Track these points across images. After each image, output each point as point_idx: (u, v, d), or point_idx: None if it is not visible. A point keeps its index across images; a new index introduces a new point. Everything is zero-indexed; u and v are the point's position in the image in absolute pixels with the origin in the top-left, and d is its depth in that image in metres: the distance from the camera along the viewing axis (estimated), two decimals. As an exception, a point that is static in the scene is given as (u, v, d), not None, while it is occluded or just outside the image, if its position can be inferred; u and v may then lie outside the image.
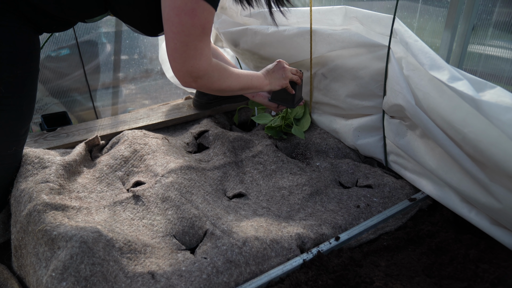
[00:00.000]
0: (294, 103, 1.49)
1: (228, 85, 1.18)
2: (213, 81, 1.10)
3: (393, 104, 1.29)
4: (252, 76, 1.30)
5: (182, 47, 0.97)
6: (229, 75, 1.17)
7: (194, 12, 0.93)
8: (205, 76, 1.06)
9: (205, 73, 1.05)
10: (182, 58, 0.99)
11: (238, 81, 1.22)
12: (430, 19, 1.42)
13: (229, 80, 1.18)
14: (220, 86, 1.15)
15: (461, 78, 1.04)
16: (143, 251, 1.05)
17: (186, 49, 0.98)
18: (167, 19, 0.95)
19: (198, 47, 0.99)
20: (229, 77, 1.17)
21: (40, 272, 0.96)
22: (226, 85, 1.17)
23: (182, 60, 1.00)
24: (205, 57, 1.02)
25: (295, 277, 1.00)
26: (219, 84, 1.14)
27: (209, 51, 1.03)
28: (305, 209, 1.28)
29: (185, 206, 1.20)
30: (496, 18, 1.23)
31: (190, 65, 1.00)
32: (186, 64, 1.00)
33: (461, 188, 1.14)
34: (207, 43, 1.01)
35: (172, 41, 0.97)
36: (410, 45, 1.18)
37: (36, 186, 1.16)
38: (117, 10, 1.13)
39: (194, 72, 1.02)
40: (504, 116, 0.92)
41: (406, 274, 1.05)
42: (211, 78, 1.09)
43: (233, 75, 1.20)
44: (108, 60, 2.22)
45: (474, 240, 1.12)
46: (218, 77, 1.12)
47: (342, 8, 1.44)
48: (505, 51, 1.23)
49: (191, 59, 1.00)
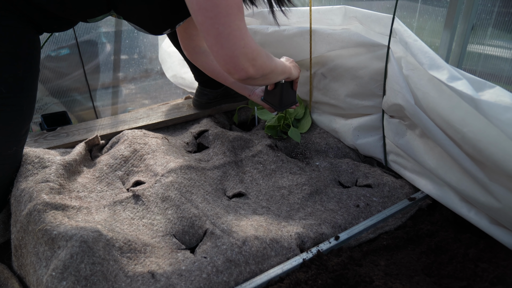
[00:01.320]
0: (280, 106, 1.41)
1: (275, 65, 1.14)
2: (264, 60, 1.04)
3: (392, 103, 1.29)
4: (280, 60, 1.25)
5: (226, 29, 0.91)
6: (269, 55, 1.13)
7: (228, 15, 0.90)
8: (258, 55, 1.00)
9: (257, 51, 0.99)
10: (230, 41, 0.93)
11: (276, 63, 1.17)
12: (429, 19, 1.42)
13: (273, 60, 1.14)
14: (271, 66, 1.10)
15: (460, 77, 1.04)
16: (143, 251, 1.05)
17: (231, 30, 0.92)
18: (200, 8, 0.90)
19: (241, 27, 0.93)
20: (270, 57, 1.13)
21: (40, 271, 0.96)
22: (274, 65, 1.13)
23: (231, 44, 0.93)
24: (250, 36, 0.96)
25: (294, 277, 1.01)
26: (269, 64, 1.09)
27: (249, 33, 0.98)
28: (305, 209, 1.29)
29: (185, 206, 1.20)
30: (495, 17, 1.23)
31: (241, 46, 0.94)
32: (238, 46, 0.94)
33: (461, 187, 1.15)
34: (245, 23, 0.95)
35: (213, 29, 0.91)
36: (409, 45, 1.18)
37: (36, 185, 1.16)
38: (122, 8, 1.11)
39: (249, 52, 0.96)
40: (503, 116, 0.92)
41: (405, 274, 1.05)
42: (262, 57, 1.03)
43: (270, 55, 1.14)
44: (108, 60, 2.22)
45: (473, 240, 1.12)
46: (266, 56, 1.06)
47: (342, 7, 1.44)
48: (505, 51, 1.23)
49: (240, 40, 0.94)
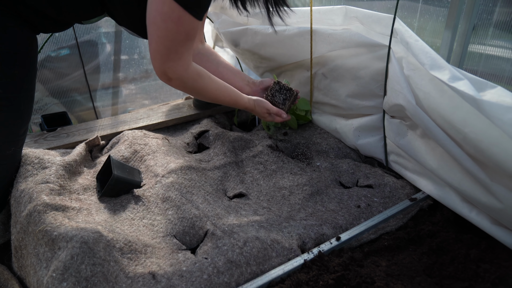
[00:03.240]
0: None
1: (203, 95, 1.22)
2: (186, 85, 1.14)
3: (393, 104, 1.29)
4: (236, 96, 1.31)
5: (164, 50, 1.01)
6: (206, 84, 1.19)
7: (180, 20, 0.96)
8: (179, 79, 1.09)
9: (179, 76, 1.08)
10: (162, 59, 1.03)
11: (216, 94, 1.24)
12: (430, 19, 1.42)
13: (205, 90, 1.20)
14: (195, 92, 1.19)
15: (461, 78, 1.04)
16: (143, 251, 1.05)
17: (168, 52, 1.02)
18: (153, 23, 0.98)
19: (179, 52, 1.03)
20: (205, 87, 1.19)
21: (41, 272, 0.96)
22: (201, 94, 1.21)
23: (162, 61, 1.04)
24: (184, 61, 1.06)
25: (296, 277, 1.00)
26: (193, 90, 1.18)
27: (189, 56, 1.07)
28: (306, 209, 1.28)
29: (186, 206, 1.20)
30: (496, 17, 1.23)
31: (167, 66, 1.05)
32: (164, 65, 1.05)
33: (462, 188, 1.14)
34: (188, 49, 1.05)
35: (155, 43, 1.01)
36: (410, 45, 1.18)
37: (36, 186, 1.16)
38: (114, 11, 1.14)
39: (170, 73, 1.07)
40: (505, 116, 0.92)
41: (407, 274, 1.05)
42: (184, 83, 1.12)
43: (211, 86, 1.21)
44: (108, 60, 2.22)
45: (475, 240, 1.12)
46: (193, 83, 1.14)
47: (343, 8, 1.44)
48: (506, 51, 1.22)
49: (170, 62, 1.04)
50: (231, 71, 1.50)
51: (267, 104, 1.41)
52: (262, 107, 1.39)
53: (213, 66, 1.47)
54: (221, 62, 1.51)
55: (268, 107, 1.40)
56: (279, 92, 1.47)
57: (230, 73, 1.49)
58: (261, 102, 1.40)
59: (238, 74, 1.51)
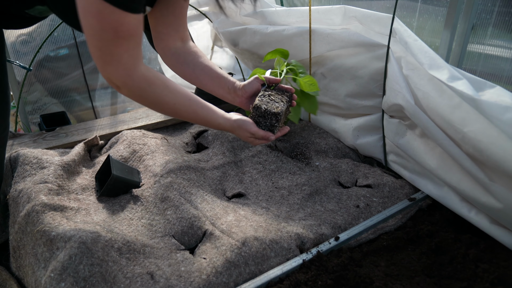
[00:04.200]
0: None
1: (160, 109, 0.99)
2: (134, 95, 0.93)
3: (392, 103, 1.29)
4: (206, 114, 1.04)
5: (96, 52, 0.86)
6: (160, 96, 0.95)
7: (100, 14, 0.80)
8: (125, 87, 0.90)
9: (123, 84, 0.90)
10: (99, 63, 0.88)
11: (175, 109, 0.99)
12: (429, 19, 1.42)
13: (159, 103, 0.97)
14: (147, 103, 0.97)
15: (460, 77, 1.03)
16: (142, 251, 1.05)
17: (101, 54, 0.86)
18: (81, 19, 0.84)
19: (114, 53, 0.85)
20: (159, 99, 0.96)
21: (39, 272, 0.96)
22: (157, 107, 0.99)
23: (100, 65, 0.88)
24: (125, 65, 0.87)
25: (294, 278, 1.00)
26: (145, 102, 0.96)
27: (132, 59, 0.88)
28: (305, 209, 1.28)
29: (184, 206, 1.20)
30: (495, 17, 1.22)
31: (107, 71, 0.88)
32: (104, 70, 0.88)
33: (461, 187, 1.14)
34: (127, 49, 0.86)
35: (88, 44, 0.87)
36: (409, 45, 1.18)
37: (35, 186, 1.16)
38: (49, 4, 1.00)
39: (113, 79, 0.89)
40: (504, 116, 0.91)
41: (406, 274, 1.05)
42: (132, 92, 0.92)
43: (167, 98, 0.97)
44: (107, 60, 2.21)
45: (473, 240, 1.12)
46: (141, 93, 0.93)
47: (341, 7, 1.44)
48: (505, 51, 1.22)
49: (107, 66, 0.87)
50: (209, 75, 1.18)
51: (250, 126, 1.08)
52: (244, 131, 1.08)
53: (189, 69, 1.19)
54: (198, 64, 1.19)
55: (252, 130, 1.08)
56: (270, 103, 1.11)
57: (207, 77, 1.18)
58: (243, 123, 1.07)
59: (218, 79, 1.18)
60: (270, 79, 1.17)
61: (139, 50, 0.89)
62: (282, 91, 1.17)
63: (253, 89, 1.16)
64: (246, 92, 1.16)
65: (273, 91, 1.15)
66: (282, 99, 1.14)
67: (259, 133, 1.09)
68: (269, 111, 1.08)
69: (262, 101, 1.10)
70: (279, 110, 1.09)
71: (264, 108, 1.08)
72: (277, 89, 1.17)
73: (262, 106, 1.08)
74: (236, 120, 1.08)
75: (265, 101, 1.10)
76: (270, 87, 1.17)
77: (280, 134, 1.14)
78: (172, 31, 1.14)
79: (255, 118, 1.10)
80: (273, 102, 1.11)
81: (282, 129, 1.15)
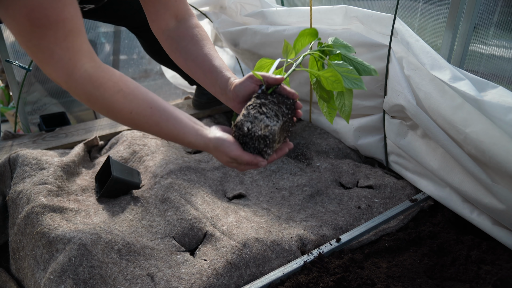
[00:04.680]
0: None
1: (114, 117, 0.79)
2: (80, 98, 0.75)
3: (394, 104, 1.28)
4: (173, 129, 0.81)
5: (24, 47, 0.70)
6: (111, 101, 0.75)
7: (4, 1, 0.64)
8: (69, 90, 0.74)
9: (66, 85, 0.73)
10: (36, 62, 0.72)
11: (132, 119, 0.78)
12: (431, 19, 1.41)
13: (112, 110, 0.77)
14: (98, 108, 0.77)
15: (462, 78, 1.03)
16: (142, 253, 1.04)
17: (30, 51, 0.70)
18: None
19: (42, 48, 0.68)
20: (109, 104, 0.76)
21: (38, 274, 0.95)
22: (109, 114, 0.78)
23: (39, 65, 0.72)
24: (59, 62, 0.70)
25: (295, 279, 0.99)
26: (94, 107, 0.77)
27: (67, 53, 0.70)
28: (306, 210, 1.28)
29: (185, 207, 1.19)
30: (497, 17, 1.22)
31: (46, 72, 0.72)
32: (44, 71, 0.72)
33: (463, 188, 1.14)
34: (54, 41, 0.68)
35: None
36: (411, 45, 1.17)
37: (34, 187, 1.15)
38: None
39: (56, 81, 0.73)
40: (507, 116, 0.91)
41: (407, 276, 1.04)
42: (78, 95, 0.75)
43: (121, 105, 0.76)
44: (107, 60, 2.21)
45: (475, 241, 1.11)
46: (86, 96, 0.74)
47: (343, 7, 1.43)
48: (507, 51, 1.22)
49: (44, 65, 0.71)
50: (200, 68, 0.94)
51: (230, 149, 0.81)
52: (223, 154, 0.82)
53: (182, 59, 0.97)
54: (190, 52, 0.95)
55: (233, 154, 0.81)
56: (257, 119, 0.80)
57: (199, 71, 0.95)
58: (222, 145, 0.81)
59: (210, 74, 0.93)
60: (268, 79, 0.85)
61: (77, 41, 0.70)
62: (282, 97, 0.85)
63: (246, 92, 0.87)
64: (238, 96, 0.88)
65: (270, 97, 0.84)
66: (279, 111, 0.82)
67: (243, 158, 0.81)
68: (254, 133, 0.79)
69: (247, 116, 0.80)
70: (266, 132, 0.78)
71: (247, 128, 0.79)
72: (277, 93, 0.86)
73: (245, 126, 0.79)
74: (213, 139, 0.81)
75: (252, 115, 0.80)
76: (269, 90, 0.86)
77: (277, 157, 0.86)
78: (161, 8, 0.93)
79: (239, 139, 0.82)
80: (263, 117, 0.79)
81: (281, 148, 0.87)
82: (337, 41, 1.06)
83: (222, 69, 0.92)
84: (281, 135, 0.84)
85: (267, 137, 0.78)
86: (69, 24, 0.68)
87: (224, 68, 0.92)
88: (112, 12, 1.48)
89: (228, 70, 0.92)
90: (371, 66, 0.97)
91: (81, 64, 0.71)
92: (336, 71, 0.93)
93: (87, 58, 0.72)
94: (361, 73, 0.98)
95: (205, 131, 0.83)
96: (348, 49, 1.04)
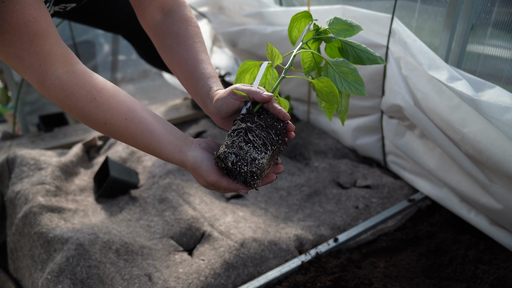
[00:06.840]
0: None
1: (92, 125, 0.72)
2: (59, 104, 0.70)
3: (391, 104, 1.29)
4: (149, 143, 0.72)
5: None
6: (85, 110, 0.69)
7: None
8: (45, 96, 0.69)
9: (42, 93, 0.69)
10: (11, 67, 0.68)
11: (107, 129, 0.72)
12: (428, 19, 1.41)
13: (88, 119, 0.70)
14: (75, 115, 0.71)
15: (460, 78, 1.03)
16: (140, 253, 1.04)
17: (2, 59, 0.66)
18: None
19: (12, 55, 0.64)
20: (84, 113, 0.69)
21: (36, 274, 0.95)
22: (87, 122, 0.72)
23: (14, 70, 0.68)
24: (30, 69, 0.65)
25: (293, 279, 1.00)
26: (70, 114, 0.71)
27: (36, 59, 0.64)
28: (304, 210, 1.28)
29: (183, 207, 1.19)
30: (495, 17, 1.22)
31: (25, 78, 0.68)
32: (22, 76, 0.68)
33: (461, 188, 1.14)
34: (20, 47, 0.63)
35: None
36: (408, 45, 1.17)
37: (32, 188, 1.15)
38: None
39: (37, 88, 0.69)
40: (504, 116, 0.91)
41: (405, 275, 1.04)
42: (55, 103, 0.70)
43: (95, 115, 0.70)
44: (105, 60, 2.21)
45: (473, 241, 1.12)
46: (61, 104, 0.69)
47: (341, 8, 1.43)
48: (504, 51, 1.22)
49: (18, 71, 0.67)
50: (183, 72, 0.84)
51: (208, 173, 0.70)
52: (199, 176, 0.72)
53: (167, 59, 0.87)
54: (174, 53, 0.84)
55: (209, 179, 0.71)
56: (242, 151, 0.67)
57: (182, 76, 0.85)
58: (199, 167, 0.71)
59: (192, 80, 0.82)
60: (255, 96, 0.70)
61: (46, 45, 0.64)
62: (270, 119, 0.70)
63: (229, 109, 0.74)
64: (220, 112, 0.75)
65: (257, 118, 0.70)
66: (268, 138, 0.69)
67: (221, 184, 0.70)
68: (239, 168, 0.67)
69: (231, 147, 0.67)
70: (253, 168, 0.66)
71: (231, 163, 0.67)
72: (266, 110, 0.71)
73: (228, 159, 0.67)
74: (190, 157, 0.71)
75: (237, 144, 0.67)
76: (255, 107, 0.71)
77: (262, 184, 0.73)
78: (145, 0, 0.84)
79: (223, 169, 0.70)
80: (249, 147, 0.67)
81: (268, 175, 0.73)
82: (335, 22, 0.88)
83: (205, 76, 0.80)
84: (271, 160, 0.72)
85: (254, 173, 0.66)
86: (33, 27, 0.62)
87: (207, 74, 0.80)
88: (103, 19, 1.44)
89: (212, 77, 0.80)
90: (376, 53, 0.83)
91: (52, 70, 0.66)
92: (331, 81, 0.77)
93: (59, 62, 0.66)
94: (365, 63, 0.85)
95: (185, 147, 0.73)
96: (350, 30, 0.87)
